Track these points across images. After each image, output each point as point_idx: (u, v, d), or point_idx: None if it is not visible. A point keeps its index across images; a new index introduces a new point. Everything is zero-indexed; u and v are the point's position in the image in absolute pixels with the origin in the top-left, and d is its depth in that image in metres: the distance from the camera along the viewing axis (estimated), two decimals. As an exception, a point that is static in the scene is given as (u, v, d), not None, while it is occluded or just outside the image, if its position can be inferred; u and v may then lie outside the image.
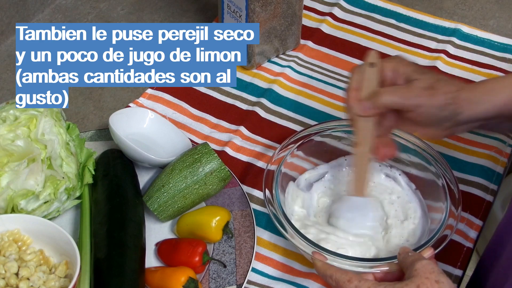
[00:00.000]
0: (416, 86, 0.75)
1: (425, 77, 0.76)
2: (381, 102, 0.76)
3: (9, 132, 0.83)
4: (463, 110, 0.74)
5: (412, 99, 0.75)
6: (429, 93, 0.74)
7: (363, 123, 0.78)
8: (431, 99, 0.74)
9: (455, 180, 0.86)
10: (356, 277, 0.70)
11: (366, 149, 0.80)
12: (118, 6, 1.25)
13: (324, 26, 1.21)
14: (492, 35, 1.20)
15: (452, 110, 0.74)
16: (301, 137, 0.91)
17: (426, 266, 0.68)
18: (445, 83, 0.75)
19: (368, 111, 0.77)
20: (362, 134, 0.79)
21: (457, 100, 0.74)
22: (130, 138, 0.93)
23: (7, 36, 1.16)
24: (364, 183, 0.82)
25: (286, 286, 0.84)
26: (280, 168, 0.87)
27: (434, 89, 0.74)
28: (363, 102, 0.77)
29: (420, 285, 0.66)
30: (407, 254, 0.72)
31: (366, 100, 0.77)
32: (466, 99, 0.74)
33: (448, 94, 0.74)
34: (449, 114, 0.75)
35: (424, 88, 0.75)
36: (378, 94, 0.76)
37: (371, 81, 0.77)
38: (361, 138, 0.79)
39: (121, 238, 0.82)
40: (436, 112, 0.75)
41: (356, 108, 0.78)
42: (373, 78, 0.78)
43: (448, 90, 0.74)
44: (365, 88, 0.78)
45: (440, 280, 0.67)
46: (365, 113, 0.78)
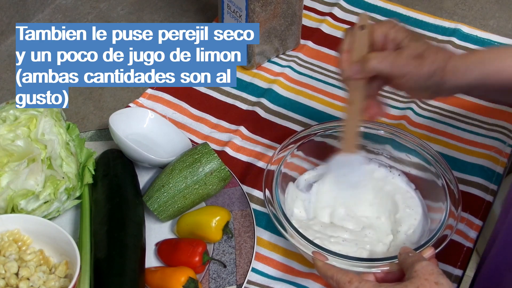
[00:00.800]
0: (405, 54, 0.76)
1: (414, 45, 0.76)
2: (369, 68, 0.77)
3: (9, 132, 0.83)
4: (448, 79, 0.75)
5: (399, 67, 0.75)
6: (417, 62, 0.75)
7: (354, 84, 0.80)
8: (418, 68, 0.75)
9: (455, 180, 0.86)
10: (356, 278, 0.70)
11: (356, 108, 0.81)
12: (118, 6, 1.25)
13: (324, 26, 1.21)
14: (492, 35, 1.20)
15: (437, 80, 0.75)
16: (301, 137, 0.91)
17: (425, 268, 0.68)
18: (433, 52, 0.76)
19: (357, 75, 0.78)
20: (353, 94, 0.81)
21: (444, 70, 0.75)
22: (130, 138, 0.93)
23: (7, 36, 1.16)
24: (353, 140, 0.83)
25: (286, 286, 0.84)
26: (280, 168, 0.87)
27: (421, 59, 0.75)
28: (353, 65, 0.78)
29: (420, 286, 0.66)
30: (408, 255, 0.72)
31: (355, 64, 0.78)
32: (452, 69, 0.75)
33: (435, 63, 0.75)
34: (435, 82, 0.76)
35: (412, 56, 0.75)
36: (367, 60, 0.77)
37: (362, 44, 0.78)
38: (352, 97, 0.81)
39: (121, 238, 0.82)
40: (422, 81, 0.76)
41: (346, 71, 0.79)
42: (363, 41, 0.79)
43: (436, 59, 0.75)
44: (356, 51, 0.79)
45: (439, 281, 0.67)
46: (355, 76, 0.79)
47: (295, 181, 0.91)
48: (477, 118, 1.05)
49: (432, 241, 0.79)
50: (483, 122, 1.04)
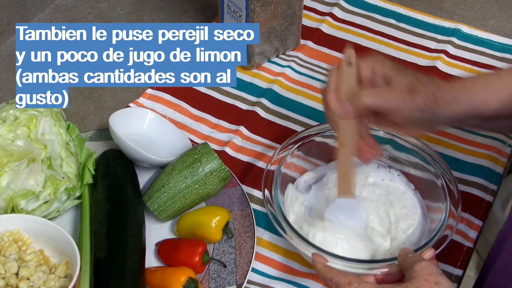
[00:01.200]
0: (398, 89, 0.75)
1: (404, 79, 0.75)
2: (364, 104, 0.76)
3: (9, 132, 0.83)
4: (442, 110, 0.74)
5: (394, 102, 0.74)
6: (411, 96, 0.74)
7: (345, 124, 0.78)
8: (412, 102, 0.74)
9: (455, 180, 0.86)
10: (356, 280, 0.70)
11: (350, 149, 0.79)
12: (118, 6, 1.25)
13: (324, 26, 1.21)
14: (492, 35, 1.20)
15: (432, 112, 0.74)
16: (302, 137, 0.91)
17: (425, 268, 0.68)
18: (423, 85, 0.75)
19: (349, 113, 0.77)
20: (345, 135, 0.79)
21: (436, 101, 0.74)
22: (130, 138, 0.93)
23: (7, 36, 1.16)
24: (350, 183, 0.81)
25: (286, 286, 0.84)
26: (280, 169, 0.87)
27: (414, 92, 0.74)
28: (344, 104, 0.77)
29: (420, 287, 0.66)
30: (407, 255, 0.72)
31: (346, 101, 0.77)
32: (444, 99, 0.74)
33: (428, 97, 0.74)
34: (430, 116, 0.74)
35: (406, 91, 0.74)
36: (359, 96, 0.76)
37: (350, 81, 0.77)
38: (344, 139, 0.79)
39: (121, 238, 0.82)
40: (417, 115, 0.74)
41: (337, 110, 0.78)
42: (351, 78, 0.77)
43: (427, 91, 0.74)
44: (344, 89, 0.77)
45: (439, 281, 0.67)
46: (347, 115, 0.77)
47: (294, 182, 0.91)
48: (477, 118, 1.05)
49: (432, 241, 0.79)
50: (483, 122, 1.04)
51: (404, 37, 1.20)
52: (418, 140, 0.90)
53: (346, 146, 0.79)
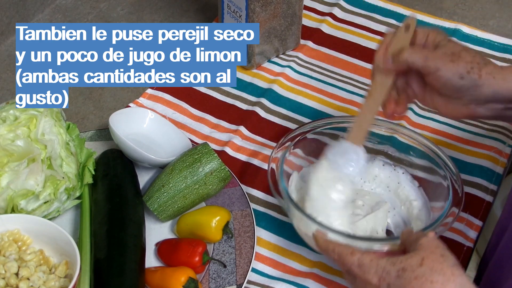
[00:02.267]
0: (441, 51, 0.75)
1: (452, 45, 0.75)
2: (402, 58, 0.76)
3: (9, 132, 0.83)
4: (484, 83, 0.73)
5: (432, 60, 0.74)
6: (451, 58, 0.74)
7: (382, 78, 0.79)
8: (452, 64, 0.73)
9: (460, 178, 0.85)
10: (358, 250, 0.69)
11: (376, 102, 0.80)
12: (118, 6, 1.25)
13: (324, 26, 1.21)
14: (492, 35, 1.20)
15: (472, 80, 0.73)
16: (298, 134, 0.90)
17: (431, 241, 0.66)
18: (471, 54, 0.74)
19: (388, 65, 0.77)
20: (376, 88, 0.79)
21: (479, 71, 0.73)
22: (130, 138, 0.93)
23: (7, 36, 1.16)
24: (363, 133, 0.82)
25: (286, 286, 0.84)
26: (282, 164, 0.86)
27: (457, 56, 0.74)
28: (386, 57, 0.77)
29: (425, 258, 0.65)
30: (411, 233, 0.71)
31: (389, 55, 0.77)
32: (489, 72, 0.73)
33: (470, 63, 0.73)
34: (469, 83, 0.73)
35: (448, 53, 0.74)
36: (401, 51, 0.76)
37: (401, 42, 0.78)
38: (374, 90, 0.79)
39: (121, 238, 0.82)
40: (454, 79, 0.73)
41: (379, 60, 0.78)
42: (404, 40, 0.78)
43: (472, 60, 0.73)
44: (393, 46, 0.78)
45: (445, 254, 0.65)
46: (386, 66, 0.78)
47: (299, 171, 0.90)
48: (477, 118, 1.05)
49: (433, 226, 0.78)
50: (483, 122, 1.04)
51: (404, 37, 1.20)
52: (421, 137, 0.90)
53: (372, 98, 0.80)
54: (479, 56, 0.74)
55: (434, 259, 0.64)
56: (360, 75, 1.12)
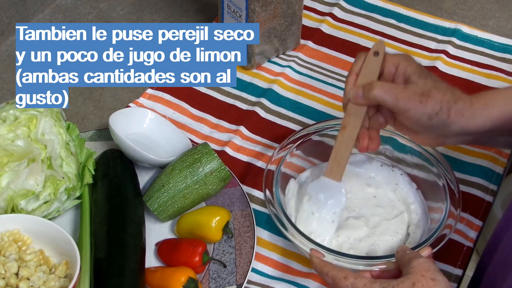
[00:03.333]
0: (411, 89, 0.74)
1: (423, 82, 0.75)
2: (372, 95, 0.75)
3: (9, 132, 0.83)
4: (453, 122, 0.74)
5: (402, 101, 0.74)
6: (421, 99, 0.73)
7: (353, 109, 0.79)
8: (421, 106, 0.73)
9: (456, 180, 0.86)
10: (352, 275, 0.70)
11: (351, 134, 0.79)
12: (118, 6, 1.25)
13: (324, 26, 1.21)
14: (492, 35, 1.20)
15: (441, 121, 0.74)
16: (300, 136, 0.91)
17: (422, 264, 0.68)
18: (441, 91, 0.74)
19: (359, 100, 0.77)
20: (349, 119, 0.79)
21: (449, 111, 0.73)
22: (130, 138, 0.93)
23: (7, 36, 1.16)
24: (340, 167, 0.81)
25: (286, 286, 0.84)
26: (280, 168, 0.87)
27: (427, 97, 0.73)
28: (357, 89, 0.77)
29: (416, 282, 0.66)
30: (405, 252, 0.72)
31: (360, 88, 0.77)
32: (459, 111, 0.73)
33: (439, 104, 0.73)
34: (438, 123, 0.74)
35: (418, 93, 0.74)
36: (372, 87, 0.76)
37: (371, 70, 0.78)
38: (347, 122, 0.79)
39: (121, 238, 0.82)
40: (424, 120, 0.74)
41: (349, 93, 0.78)
42: (373, 67, 0.78)
43: (441, 99, 0.73)
44: (363, 76, 0.78)
45: (436, 278, 0.67)
46: (356, 101, 0.78)
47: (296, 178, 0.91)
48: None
49: (430, 240, 0.79)
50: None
51: (404, 37, 1.20)
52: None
53: (346, 130, 0.80)
54: (449, 93, 0.74)
55: (425, 283, 0.66)
56: (360, 75, 1.12)
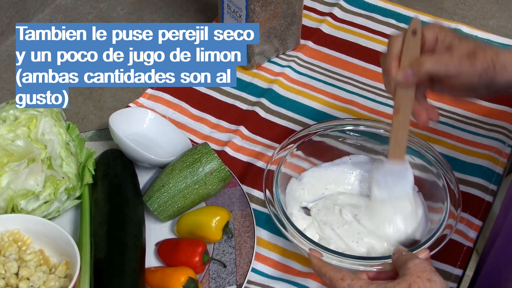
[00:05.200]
0: (457, 54, 0.76)
1: (465, 44, 0.76)
2: (424, 70, 0.76)
3: (9, 132, 0.83)
4: (499, 76, 0.75)
5: (453, 67, 0.75)
6: (470, 61, 0.75)
7: (402, 92, 0.79)
8: (472, 66, 0.75)
9: (456, 180, 0.86)
10: (349, 276, 0.71)
11: (406, 116, 0.80)
12: (118, 6, 1.25)
13: (324, 26, 1.21)
14: (492, 35, 1.20)
15: (489, 77, 0.75)
16: (301, 136, 0.91)
17: (418, 265, 0.68)
18: (482, 50, 0.76)
19: (410, 80, 0.78)
20: (401, 102, 0.80)
21: (494, 67, 0.75)
22: (130, 138, 0.93)
23: (7, 36, 1.16)
24: (402, 148, 0.83)
25: (286, 286, 0.84)
26: (280, 168, 0.87)
27: (473, 57, 0.75)
28: (405, 70, 0.78)
29: (412, 283, 0.66)
30: (401, 254, 0.73)
31: (408, 69, 0.77)
32: (503, 65, 0.75)
33: (485, 62, 0.75)
34: (486, 80, 0.75)
35: (465, 56, 0.75)
36: (421, 63, 0.77)
37: (412, 50, 0.78)
38: (399, 105, 0.80)
39: (121, 238, 0.82)
40: (475, 79, 0.75)
41: (398, 77, 0.78)
42: (414, 46, 0.78)
43: (485, 56, 0.75)
44: (406, 57, 0.78)
45: (432, 278, 0.67)
46: (407, 81, 0.78)
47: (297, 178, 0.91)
48: (477, 118, 1.05)
49: (430, 241, 0.79)
50: (483, 122, 1.04)
51: (404, 37, 1.20)
52: (420, 140, 0.90)
53: (400, 113, 0.80)
54: (490, 49, 0.76)
55: (421, 284, 0.66)
56: (360, 75, 1.12)
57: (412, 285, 0.66)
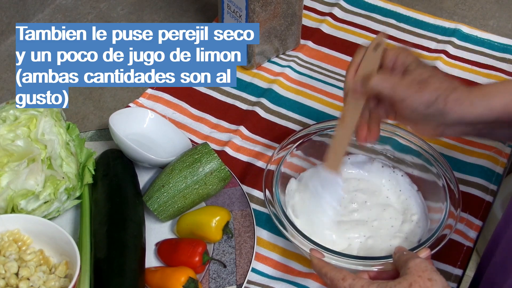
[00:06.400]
0: (408, 79, 0.75)
1: (420, 71, 0.75)
2: (370, 86, 0.76)
3: (9, 132, 0.83)
4: (451, 111, 0.73)
5: (399, 90, 0.74)
6: (418, 87, 0.73)
7: (352, 102, 0.79)
8: (418, 94, 0.73)
9: (456, 180, 0.86)
10: (350, 276, 0.71)
11: (349, 126, 0.80)
12: (118, 6, 1.25)
13: (324, 26, 1.21)
14: (492, 35, 1.20)
15: (438, 109, 0.73)
16: (300, 136, 0.91)
17: (419, 265, 0.68)
18: (438, 80, 0.74)
19: (357, 92, 0.78)
20: (347, 112, 0.80)
21: (446, 99, 0.72)
22: (130, 138, 0.93)
23: (7, 36, 1.16)
24: (339, 159, 0.82)
25: (286, 286, 0.84)
26: (280, 168, 0.87)
27: (424, 84, 0.73)
28: (355, 81, 0.78)
29: (413, 283, 0.66)
30: (402, 253, 0.73)
31: (358, 80, 0.78)
32: (456, 99, 0.72)
33: (437, 92, 0.73)
34: (435, 112, 0.73)
35: (415, 82, 0.74)
36: (369, 78, 0.76)
37: (371, 63, 0.78)
38: (345, 115, 0.80)
39: (121, 238, 0.82)
40: (421, 109, 0.73)
41: (348, 85, 0.79)
42: (373, 61, 0.78)
43: (439, 87, 0.73)
44: (362, 69, 0.78)
45: (432, 278, 0.67)
46: (354, 92, 0.78)
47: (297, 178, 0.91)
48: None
49: (430, 240, 0.79)
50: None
51: (404, 37, 1.20)
52: (420, 140, 0.90)
53: (345, 123, 0.80)
54: (447, 82, 0.74)
55: (422, 284, 0.66)
56: (360, 75, 1.12)
57: (413, 284, 0.66)
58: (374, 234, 0.85)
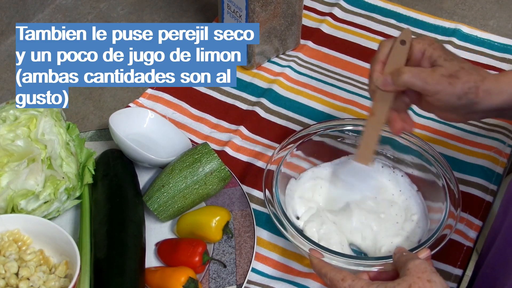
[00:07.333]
0: (439, 72, 0.76)
1: (449, 64, 0.76)
2: (402, 81, 0.77)
3: (9, 132, 0.83)
4: (481, 101, 0.75)
5: (432, 85, 0.76)
6: (450, 81, 0.75)
7: (382, 96, 0.80)
8: (450, 87, 0.75)
9: (455, 180, 0.86)
10: (349, 276, 0.71)
11: (380, 120, 0.81)
12: (118, 6, 1.25)
13: (324, 26, 1.21)
14: (492, 35, 1.20)
15: (469, 100, 0.75)
16: (300, 136, 0.91)
17: (418, 266, 0.68)
18: (467, 72, 0.76)
19: (388, 87, 0.79)
20: (378, 105, 0.81)
21: (477, 91, 0.75)
22: (130, 138, 0.93)
23: (7, 36, 1.16)
24: (370, 152, 0.84)
25: (286, 286, 0.84)
26: (280, 168, 0.87)
27: (455, 78, 0.75)
28: (385, 76, 0.79)
29: (412, 284, 0.67)
30: (402, 254, 0.73)
31: (388, 75, 0.78)
32: (485, 90, 0.75)
33: (467, 84, 0.75)
34: (466, 103, 0.76)
35: (446, 75, 0.75)
36: (401, 73, 0.77)
37: (398, 58, 0.79)
38: (377, 108, 0.81)
39: (121, 238, 0.82)
40: (453, 100, 0.76)
41: (377, 81, 0.79)
42: (400, 55, 0.79)
43: (469, 80, 0.75)
44: (390, 64, 0.79)
45: (432, 279, 0.67)
46: (385, 87, 0.79)
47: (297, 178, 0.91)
48: (477, 118, 1.05)
49: (430, 240, 0.79)
50: (483, 122, 1.04)
51: (404, 37, 1.20)
52: (420, 140, 0.90)
53: (375, 116, 0.81)
54: (475, 73, 0.76)
55: (421, 285, 0.67)
56: (360, 75, 1.12)
57: (412, 285, 0.66)
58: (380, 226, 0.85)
